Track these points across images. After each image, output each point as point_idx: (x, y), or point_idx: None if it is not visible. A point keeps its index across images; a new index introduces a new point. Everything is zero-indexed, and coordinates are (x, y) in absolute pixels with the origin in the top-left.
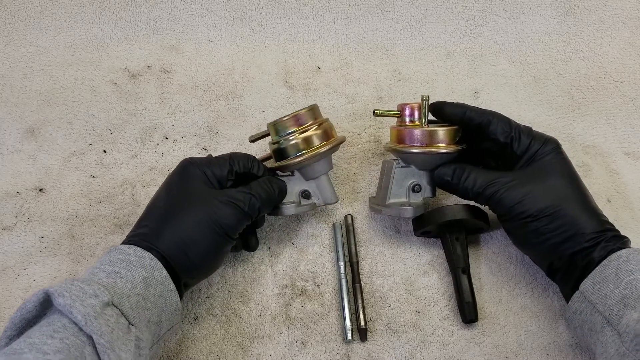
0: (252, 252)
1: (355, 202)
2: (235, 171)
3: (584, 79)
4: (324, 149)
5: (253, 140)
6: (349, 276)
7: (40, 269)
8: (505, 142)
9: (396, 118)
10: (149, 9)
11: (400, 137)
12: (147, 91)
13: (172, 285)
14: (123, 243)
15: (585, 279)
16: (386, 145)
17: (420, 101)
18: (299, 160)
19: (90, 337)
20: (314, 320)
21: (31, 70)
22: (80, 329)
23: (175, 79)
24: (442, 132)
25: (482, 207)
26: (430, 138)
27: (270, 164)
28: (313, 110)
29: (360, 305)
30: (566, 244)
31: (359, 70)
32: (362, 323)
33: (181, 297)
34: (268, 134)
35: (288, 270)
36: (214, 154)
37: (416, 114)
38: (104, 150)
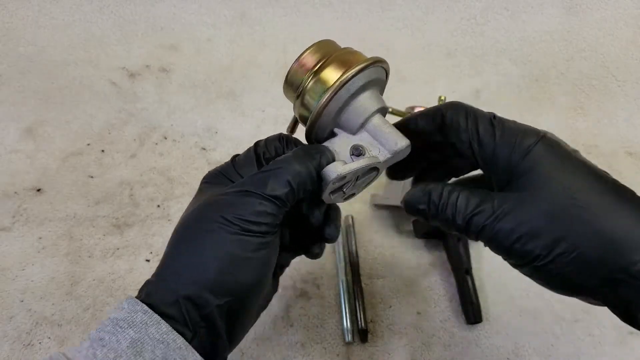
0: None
1: (356, 203)
2: (266, 158)
3: (586, 78)
4: (351, 71)
5: (292, 130)
6: (349, 277)
7: (38, 269)
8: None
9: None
10: (147, 8)
11: None
12: (146, 90)
13: (181, 342)
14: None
15: None
16: None
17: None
18: (328, 97)
19: None
20: (314, 322)
21: (29, 70)
22: None
23: (174, 78)
24: None
25: None
26: None
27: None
28: (325, 44)
29: (360, 307)
30: (608, 284)
31: None
32: (363, 324)
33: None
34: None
35: (288, 272)
36: (213, 154)
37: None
38: (103, 150)
